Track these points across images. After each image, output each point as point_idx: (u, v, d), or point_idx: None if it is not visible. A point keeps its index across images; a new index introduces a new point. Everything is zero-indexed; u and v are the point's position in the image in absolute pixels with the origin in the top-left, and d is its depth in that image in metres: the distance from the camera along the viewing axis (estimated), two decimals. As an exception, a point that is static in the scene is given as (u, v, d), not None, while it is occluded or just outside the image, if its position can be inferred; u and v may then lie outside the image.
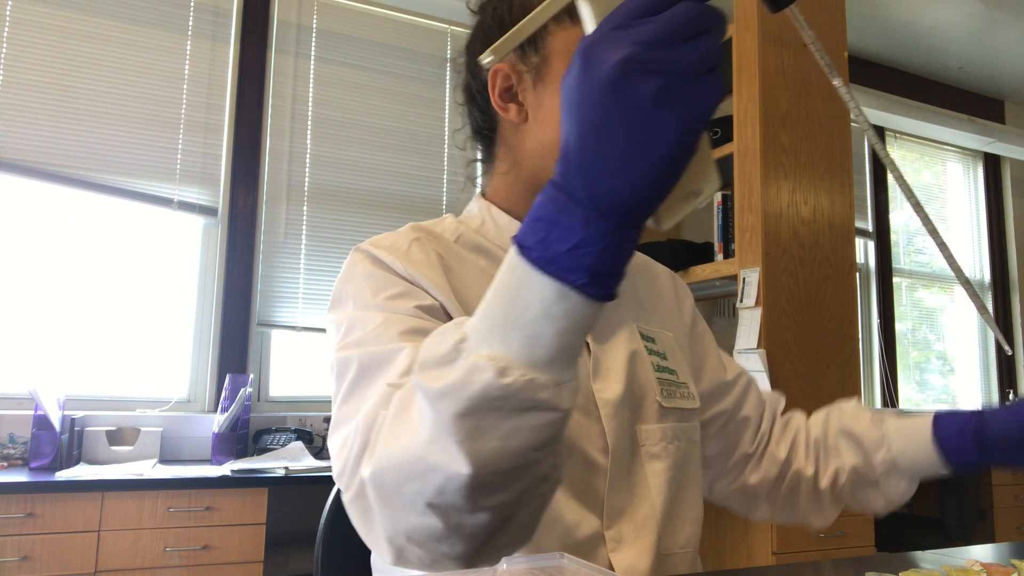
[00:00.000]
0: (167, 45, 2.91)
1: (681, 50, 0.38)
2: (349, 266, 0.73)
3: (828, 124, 2.61)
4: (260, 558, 2.26)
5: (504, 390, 0.44)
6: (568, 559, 0.48)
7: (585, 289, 0.42)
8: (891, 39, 4.26)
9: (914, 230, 4.83)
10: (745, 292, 2.44)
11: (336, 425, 0.62)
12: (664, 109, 0.38)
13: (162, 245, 2.87)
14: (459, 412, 0.45)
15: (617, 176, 0.40)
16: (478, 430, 0.45)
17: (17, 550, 2.01)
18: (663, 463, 0.77)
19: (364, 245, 0.74)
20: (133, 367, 2.77)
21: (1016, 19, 4.06)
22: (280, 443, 2.67)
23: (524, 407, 0.45)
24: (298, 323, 3.01)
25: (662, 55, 0.38)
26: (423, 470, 0.48)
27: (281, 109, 3.09)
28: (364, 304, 0.68)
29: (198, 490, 2.22)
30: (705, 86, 0.38)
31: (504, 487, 0.48)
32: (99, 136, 2.77)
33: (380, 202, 3.20)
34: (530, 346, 0.44)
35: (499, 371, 0.44)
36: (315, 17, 3.19)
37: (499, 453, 0.46)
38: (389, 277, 0.70)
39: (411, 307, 0.67)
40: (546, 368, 0.45)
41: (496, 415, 0.45)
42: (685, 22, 0.38)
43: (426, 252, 0.73)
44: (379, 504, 0.52)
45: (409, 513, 0.50)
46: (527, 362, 0.45)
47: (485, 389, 0.44)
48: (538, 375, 0.45)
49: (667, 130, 0.38)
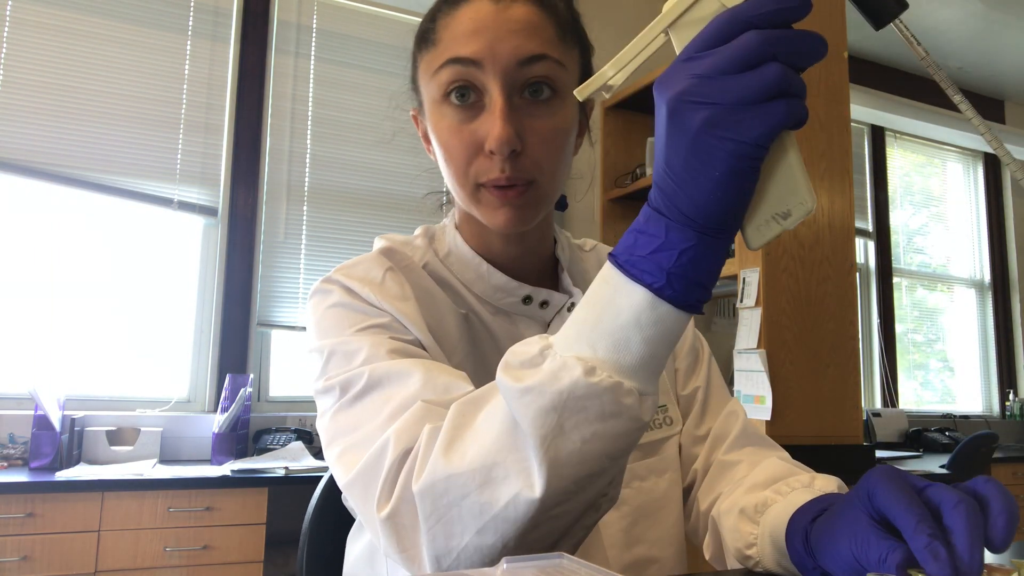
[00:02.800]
0: (167, 45, 2.91)
1: (735, 80, 0.40)
2: (323, 296, 0.69)
3: (828, 124, 2.60)
4: (260, 558, 2.26)
5: (591, 388, 0.45)
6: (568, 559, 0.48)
7: (664, 293, 0.44)
8: (891, 39, 4.25)
9: (914, 230, 4.83)
10: (745, 292, 2.44)
11: (332, 439, 0.60)
12: (711, 137, 0.41)
13: (162, 245, 2.87)
14: (544, 407, 0.46)
15: (685, 192, 0.43)
16: (560, 429, 0.46)
17: (17, 550, 2.01)
18: (618, 512, 0.73)
19: (336, 275, 0.70)
20: (133, 367, 2.77)
21: (1016, 19, 4.06)
22: (280, 443, 2.67)
23: (608, 410, 0.46)
24: (298, 323, 3.01)
25: (713, 87, 0.40)
26: (496, 478, 0.47)
27: (281, 109, 3.09)
28: (346, 333, 0.65)
29: (198, 490, 2.22)
30: (760, 113, 0.40)
31: (573, 497, 0.48)
32: (99, 136, 2.77)
33: (380, 202, 3.20)
34: (618, 351, 0.46)
35: (587, 370, 0.45)
36: (315, 17, 3.19)
37: (578, 456, 0.46)
38: (366, 307, 0.67)
39: (389, 339, 0.65)
40: (632, 375, 0.46)
41: (580, 415, 0.46)
42: (743, 53, 0.40)
43: (400, 284, 0.70)
44: (432, 520, 0.50)
45: (466, 530, 0.49)
46: (615, 366, 0.46)
47: (572, 386, 0.45)
48: (625, 380, 0.46)
49: (718, 155, 0.41)
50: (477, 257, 0.75)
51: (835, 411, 2.47)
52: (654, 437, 0.77)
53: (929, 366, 4.80)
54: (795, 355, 2.42)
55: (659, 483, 0.76)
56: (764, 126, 0.40)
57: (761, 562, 0.63)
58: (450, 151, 0.68)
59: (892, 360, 4.43)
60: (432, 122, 0.71)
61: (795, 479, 0.68)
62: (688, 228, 0.43)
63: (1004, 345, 4.90)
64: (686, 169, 0.42)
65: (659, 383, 0.74)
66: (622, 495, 0.71)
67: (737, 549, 0.66)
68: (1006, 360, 4.89)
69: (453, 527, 0.49)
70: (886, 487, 0.47)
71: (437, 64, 0.68)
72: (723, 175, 0.41)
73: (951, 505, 0.45)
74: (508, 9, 0.66)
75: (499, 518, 0.48)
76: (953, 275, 4.92)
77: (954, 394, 4.81)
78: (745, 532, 0.65)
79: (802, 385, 2.41)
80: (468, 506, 0.48)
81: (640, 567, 0.73)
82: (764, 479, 0.71)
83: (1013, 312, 4.96)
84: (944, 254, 4.93)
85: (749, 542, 0.64)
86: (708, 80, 0.41)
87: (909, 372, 4.62)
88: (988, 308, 4.93)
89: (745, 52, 0.40)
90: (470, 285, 0.75)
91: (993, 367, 4.87)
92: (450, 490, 0.49)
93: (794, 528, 0.58)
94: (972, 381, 4.86)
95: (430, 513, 0.50)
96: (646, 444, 0.76)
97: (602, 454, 0.47)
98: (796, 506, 0.60)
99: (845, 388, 2.50)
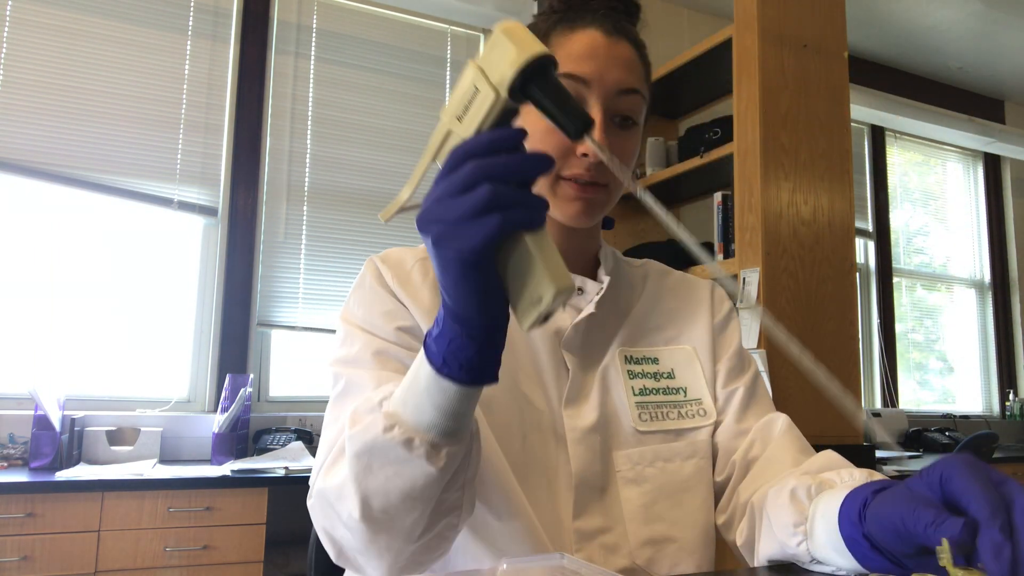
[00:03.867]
0: (167, 45, 2.91)
1: (455, 201, 0.49)
2: (360, 274, 0.83)
3: (828, 124, 2.60)
4: (260, 558, 2.26)
5: (387, 442, 0.58)
6: (568, 559, 0.48)
7: (443, 371, 0.55)
8: (891, 39, 4.26)
9: (914, 230, 4.83)
10: (745, 292, 2.44)
11: (324, 426, 0.75)
12: (441, 248, 0.49)
13: (162, 245, 2.87)
14: (358, 451, 0.59)
15: (444, 291, 0.53)
16: (369, 468, 0.59)
17: (17, 550, 2.02)
18: (640, 489, 0.79)
19: (376, 256, 0.83)
20: (133, 367, 2.77)
21: (1016, 19, 4.06)
22: (280, 443, 2.67)
23: (401, 458, 0.58)
24: (298, 323, 3.01)
25: (441, 208, 0.49)
26: (341, 496, 0.62)
27: (281, 109, 3.09)
28: (357, 316, 0.79)
29: (198, 490, 2.22)
30: (475, 225, 0.48)
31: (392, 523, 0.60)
32: (99, 136, 2.77)
33: (380, 202, 3.20)
34: (417, 413, 0.57)
35: (387, 427, 0.58)
36: (315, 17, 3.19)
37: (383, 489, 0.59)
38: (382, 293, 0.80)
39: (393, 328, 0.77)
40: (426, 432, 0.57)
41: (382, 459, 0.59)
42: (460, 179, 0.49)
43: (424, 274, 0.81)
44: (321, 516, 0.66)
45: (338, 526, 0.64)
46: (412, 425, 0.57)
47: (374, 438, 0.58)
48: (416, 436, 0.57)
49: (449, 262, 0.50)
50: None
51: (835, 411, 2.47)
52: (684, 425, 0.83)
53: (929, 366, 4.80)
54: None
55: (684, 466, 0.81)
56: (480, 236, 0.48)
57: (807, 540, 0.65)
58: (543, 146, 0.77)
59: (892, 360, 4.43)
60: (527, 121, 0.78)
61: (855, 470, 0.71)
62: (452, 321, 0.53)
63: (1004, 345, 4.90)
64: (439, 272, 0.52)
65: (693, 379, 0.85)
66: (644, 473, 0.80)
67: (783, 526, 0.67)
68: (1006, 360, 4.89)
69: (332, 522, 0.65)
70: (964, 473, 0.48)
71: None
72: (457, 278, 0.50)
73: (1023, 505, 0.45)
74: (616, 45, 0.80)
75: (347, 526, 0.62)
76: (953, 275, 4.92)
77: (954, 394, 4.81)
78: (796, 510, 0.67)
79: (802, 385, 2.41)
80: (335, 511, 0.63)
81: (658, 544, 0.78)
82: (818, 467, 0.76)
83: (1013, 312, 4.96)
84: (944, 254, 4.93)
85: (798, 520, 0.66)
86: (438, 202, 0.50)
87: (909, 372, 4.62)
88: (988, 308, 4.93)
89: (462, 179, 0.49)
90: None
91: (993, 367, 4.87)
92: (324, 497, 0.65)
93: (851, 501, 0.60)
94: (972, 381, 4.86)
95: (319, 510, 0.66)
96: (675, 430, 0.83)
97: (403, 492, 0.59)
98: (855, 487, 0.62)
99: (845, 388, 2.50)
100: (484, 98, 0.52)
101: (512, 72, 0.50)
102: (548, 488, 0.76)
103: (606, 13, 0.82)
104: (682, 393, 0.85)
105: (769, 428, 0.84)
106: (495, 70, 0.51)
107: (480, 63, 0.53)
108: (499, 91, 0.51)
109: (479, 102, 0.52)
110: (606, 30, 0.80)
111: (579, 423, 0.78)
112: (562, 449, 0.78)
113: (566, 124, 0.52)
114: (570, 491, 0.76)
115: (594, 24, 0.80)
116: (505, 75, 0.51)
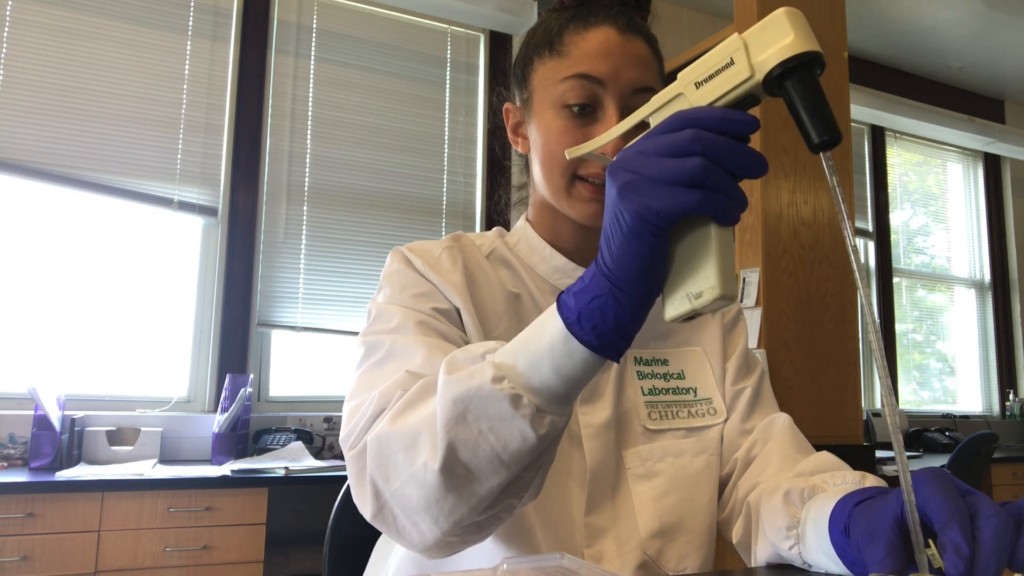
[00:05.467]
0: (167, 45, 2.91)
1: (659, 160, 0.47)
2: (387, 263, 0.83)
3: (828, 124, 2.60)
4: (260, 558, 2.26)
5: (493, 393, 0.53)
6: (568, 559, 0.49)
7: (573, 329, 0.51)
8: (891, 39, 4.26)
9: (914, 230, 4.83)
10: (745, 292, 2.44)
11: (352, 394, 0.70)
12: (626, 199, 0.48)
13: (162, 245, 2.87)
14: (455, 397, 0.54)
15: (606, 245, 0.51)
16: (463, 417, 0.54)
17: (17, 550, 2.02)
18: (651, 483, 0.80)
19: (402, 247, 0.83)
20: (133, 367, 2.77)
21: (1016, 19, 4.06)
22: (280, 443, 2.68)
23: (503, 414, 0.53)
24: (298, 323, 3.01)
25: (641, 160, 0.48)
26: (416, 444, 0.57)
27: (281, 109, 3.09)
28: (392, 298, 0.77)
29: (198, 490, 2.22)
30: (670, 192, 0.46)
31: (468, 485, 0.55)
32: (99, 136, 2.77)
33: (380, 202, 3.20)
34: (530, 370, 0.53)
35: (496, 378, 0.53)
36: (315, 17, 3.19)
37: (472, 444, 0.54)
38: (415, 276, 0.79)
39: (429, 307, 0.76)
40: (536, 394, 0.53)
41: (480, 411, 0.54)
42: (673, 142, 0.47)
43: (453, 260, 0.81)
44: (374, 464, 0.60)
45: (397, 478, 0.58)
46: (523, 381, 0.53)
47: (479, 386, 0.53)
48: (526, 395, 0.53)
49: (627, 214, 0.48)
50: (543, 243, 0.86)
51: (835, 411, 2.47)
52: (694, 424, 0.84)
53: (929, 366, 4.80)
54: (795, 355, 2.42)
55: (694, 462, 0.83)
56: (671, 203, 0.46)
57: (798, 544, 0.67)
58: (558, 147, 0.77)
59: (892, 360, 4.43)
60: (543, 120, 0.81)
61: (848, 473, 0.73)
62: (604, 279, 0.50)
63: (1004, 345, 4.90)
64: (609, 224, 0.50)
65: (704, 379, 0.86)
66: (655, 468, 0.80)
67: (776, 529, 0.69)
68: (1006, 360, 4.89)
69: (389, 473, 0.59)
70: (931, 484, 0.50)
71: (564, 74, 0.78)
72: (628, 235, 0.48)
73: (987, 514, 0.48)
74: (631, 42, 0.78)
75: (415, 478, 0.57)
76: (953, 275, 4.92)
77: (954, 394, 4.81)
78: (788, 513, 0.69)
79: (802, 385, 2.41)
80: (398, 461, 0.58)
81: (667, 534, 0.79)
82: (812, 469, 0.77)
83: (1013, 312, 4.96)
84: (944, 254, 4.93)
85: (790, 523, 0.68)
86: (640, 155, 0.48)
87: (909, 372, 4.62)
88: (988, 308, 4.93)
89: (675, 142, 0.47)
90: (533, 266, 0.86)
91: (993, 367, 4.87)
92: (388, 445, 0.59)
93: (839, 510, 0.61)
94: (972, 381, 4.86)
95: (374, 458, 0.60)
96: (685, 428, 0.84)
97: (493, 451, 0.54)
98: (844, 494, 0.63)
99: (845, 388, 2.50)
100: (735, 73, 0.48)
101: (779, 58, 0.47)
102: (560, 484, 0.77)
103: (619, 9, 0.81)
104: (692, 393, 0.86)
105: (770, 427, 0.86)
106: (760, 50, 0.47)
107: (745, 38, 0.49)
108: (755, 72, 0.47)
109: (728, 75, 0.49)
110: (619, 27, 0.78)
111: (593, 420, 0.80)
112: (576, 446, 0.79)
113: (812, 133, 0.47)
114: (582, 487, 0.77)
115: (607, 21, 0.79)
116: (769, 59, 0.47)
